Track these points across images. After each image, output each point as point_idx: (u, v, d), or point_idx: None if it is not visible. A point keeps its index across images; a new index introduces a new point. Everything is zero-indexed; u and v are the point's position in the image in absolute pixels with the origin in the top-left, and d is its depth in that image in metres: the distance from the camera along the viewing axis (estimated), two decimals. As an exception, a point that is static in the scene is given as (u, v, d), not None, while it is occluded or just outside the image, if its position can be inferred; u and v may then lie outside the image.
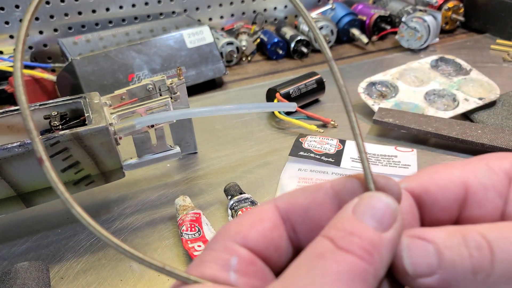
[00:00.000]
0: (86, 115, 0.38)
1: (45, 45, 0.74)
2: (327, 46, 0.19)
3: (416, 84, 0.62)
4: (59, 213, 0.43)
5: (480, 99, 0.57)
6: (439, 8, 0.83)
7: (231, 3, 0.83)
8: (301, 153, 0.48)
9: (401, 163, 0.46)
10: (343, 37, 0.83)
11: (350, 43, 0.84)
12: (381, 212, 0.18)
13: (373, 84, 0.61)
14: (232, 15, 0.84)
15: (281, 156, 0.50)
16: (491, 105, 0.57)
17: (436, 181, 0.20)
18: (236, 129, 0.57)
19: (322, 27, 0.79)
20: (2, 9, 0.69)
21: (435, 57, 0.66)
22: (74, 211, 0.17)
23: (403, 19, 0.78)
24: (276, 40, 0.77)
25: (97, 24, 0.75)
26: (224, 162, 0.50)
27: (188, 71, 0.66)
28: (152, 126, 0.41)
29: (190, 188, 0.46)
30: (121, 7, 0.75)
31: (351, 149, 0.49)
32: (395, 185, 0.19)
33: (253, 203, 0.40)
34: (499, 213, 0.19)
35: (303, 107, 0.59)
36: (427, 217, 0.20)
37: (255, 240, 0.19)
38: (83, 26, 0.75)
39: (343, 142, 0.50)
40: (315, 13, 0.82)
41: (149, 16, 0.78)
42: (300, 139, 0.51)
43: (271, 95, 0.58)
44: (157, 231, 0.41)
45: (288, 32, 0.79)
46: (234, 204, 0.40)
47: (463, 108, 0.56)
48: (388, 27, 0.82)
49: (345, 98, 0.20)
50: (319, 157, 0.47)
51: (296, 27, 0.84)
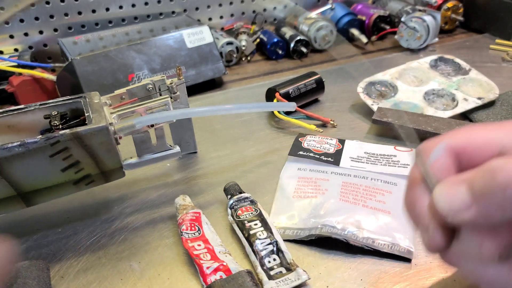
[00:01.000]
0: (86, 114, 0.38)
1: (45, 45, 0.74)
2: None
3: (415, 84, 0.62)
4: (59, 213, 0.43)
5: (479, 98, 0.57)
6: (439, 8, 0.84)
7: (231, 3, 0.83)
8: (301, 152, 0.48)
9: (400, 162, 0.46)
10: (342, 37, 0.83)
11: (350, 43, 0.84)
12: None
13: (372, 83, 0.62)
14: (232, 15, 0.84)
15: (280, 155, 0.50)
16: (490, 104, 0.57)
17: (473, 141, 0.21)
18: (235, 129, 0.57)
19: (321, 27, 0.79)
20: (2, 9, 0.69)
21: (434, 57, 0.66)
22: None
23: (403, 19, 0.78)
24: (275, 40, 0.77)
25: (97, 24, 0.75)
26: (224, 162, 0.50)
27: (187, 71, 0.66)
28: (152, 125, 0.41)
29: (190, 187, 0.46)
30: (121, 7, 0.76)
31: (350, 148, 0.49)
32: None
33: (252, 202, 0.40)
34: None
35: (302, 106, 0.59)
36: (465, 170, 0.21)
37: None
38: (83, 26, 0.75)
39: (342, 141, 0.50)
40: (314, 13, 0.82)
41: (148, 16, 0.78)
42: (299, 139, 0.51)
43: (270, 95, 0.58)
44: (157, 230, 0.41)
45: (287, 32, 0.79)
46: (234, 204, 0.40)
47: (462, 107, 0.56)
48: (388, 27, 0.82)
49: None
50: (318, 156, 0.47)
51: (295, 27, 0.84)
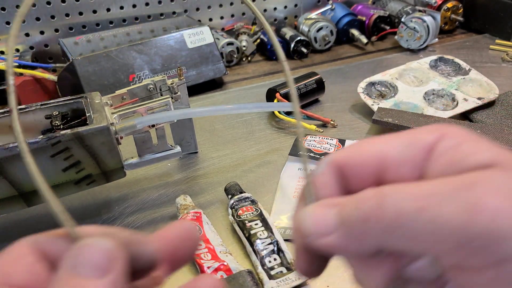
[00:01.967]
0: (87, 115, 0.38)
1: (46, 45, 0.74)
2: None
3: (415, 84, 0.62)
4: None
5: (479, 99, 0.57)
6: (438, 8, 0.84)
7: (231, 3, 0.83)
8: (301, 152, 0.48)
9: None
10: (342, 38, 0.83)
11: (350, 43, 0.84)
12: (95, 258, 0.17)
13: (372, 84, 0.62)
14: (232, 15, 0.84)
15: (281, 155, 0.50)
16: (490, 104, 0.57)
17: (356, 155, 0.20)
18: (236, 129, 0.57)
19: (321, 27, 0.79)
20: (3, 9, 0.69)
21: (434, 57, 0.66)
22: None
23: (403, 19, 0.79)
24: (276, 40, 0.77)
25: (98, 25, 0.75)
26: (225, 162, 0.50)
27: (188, 71, 0.66)
28: (153, 125, 0.41)
29: (190, 187, 0.47)
30: (121, 7, 0.76)
31: (350, 148, 0.49)
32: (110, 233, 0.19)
33: (253, 202, 0.41)
34: None
35: (303, 107, 0.60)
36: (351, 186, 0.20)
37: (19, 277, 0.18)
38: (84, 27, 0.75)
39: (342, 141, 0.50)
40: (314, 14, 0.82)
41: (149, 17, 0.79)
42: (300, 139, 0.51)
43: (271, 95, 0.59)
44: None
45: (288, 32, 0.79)
46: (235, 203, 0.40)
47: (462, 108, 0.56)
48: (388, 27, 0.82)
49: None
50: (318, 156, 0.48)
51: (296, 27, 0.84)
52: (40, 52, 0.74)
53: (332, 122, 0.56)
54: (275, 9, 0.87)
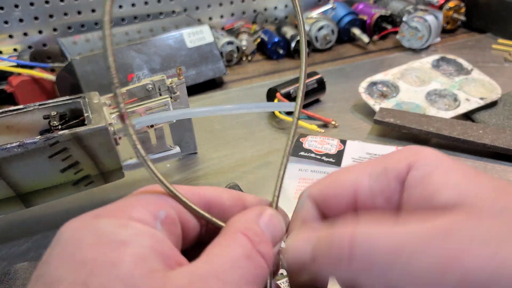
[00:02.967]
0: (85, 115, 0.37)
1: (44, 45, 0.73)
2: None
3: (417, 84, 0.62)
4: (58, 213, 0.43)
5: (482, 99, 0.56)
6: (440, 7, 0.83)
7: (231, 2, 0.82)
8: (302, 153, 0.48)
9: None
10: (344, 37, 0.82)
11: (351, 42, 0.83)
12: (276, 230, 0.21)
13: (374, 84, 0.61)
14: (232, 14, 0.84)
15: (281, 156, 0.50)
16: (492, 105, 0.57)
17: (331, 189, 0.22)
18: (236, 129, 0.56)
19: (322, 26, 0.78)
20: (2, 8, 0.69)
21: (436, 56, 0.66)
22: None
23: (404, 18, 0.78)
24: (276, 39, 0.77)
25: (96, 24, 0.75)
26: (224, 162, 0.50)
27: (188, 70, 0.66)
28: (152, 126, 0.40)
29: (190, 188, 0.46)
30: (120, 6, 0.75)
31: (351, 149, 0.49)
32: (286, 216, 0.24)
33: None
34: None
35: (303, 107, 0.59)
36: (330, 215, 0.23)
37: (182, 210, 0.21)
38: (82, 26, 0.74)
39: (343, 142, 0.50)
40: (315, 13, 0.82)
41: (148, 16, 0.78)
42: (300, 139, 0.50)
43: (271, 95, 0.58)
44: (157, 232, 0.40)
45: (288, 31, 0.79)
46: (235, 205, 0.40)
47: (464, 108, 0.56)
48: (389, 26, 0.82)
49: None
50: (319, 157, 0.47)
51: (296, 26, 0.84)
52: (38, 51, 0.73)
53: (333, 122, 0.55)
54: (275, 8, 0.86)
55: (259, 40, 0.79)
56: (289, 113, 0.56)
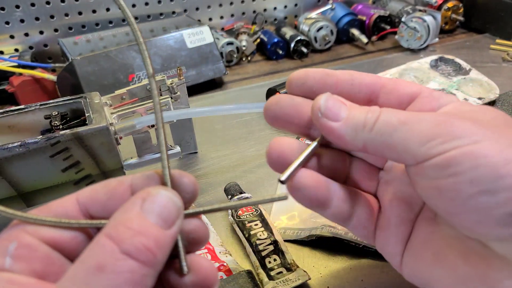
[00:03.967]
0: (86, 115, 0.38)
1: (45, 45, 0.74)
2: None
3: (415, 84, 0.62)
4: (59, 213, 0.43)
5: (480, 98, 0.57)
6: (439, 8, 0.84)
7: (231, 3, 0.83)
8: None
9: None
10: (342, 37, 0.83)
11: (350, 43, 0.84)
12: (167, 210, 0.19)
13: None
14: (232, 15, 0.84)
15: (281, 155, 0.50)
16: (490, 104, 0.57)
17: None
18: (236, 129, 0.57)
19: (321, 27, 0.79)
20: (3, 9, 0.69)
21: (434, 57, 0.66)
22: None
23: (403, 19, 0.78)
24: (276, 40, 0.77)
25: (97, 24, 0.75)
26: (224, 162, 0.50)
27: (188, 71, 0.66)
28: (153, 126, 0.41)
29: (190, 187, 0.46)
30: (121, 7, 0.75)
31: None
32: (190, 182, 0.22)
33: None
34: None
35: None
36: (342, 92, 0.27)
37: (45, 230, 0.19)
38: (83, 26, 0.75)
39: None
40: (315, 13, 0.82)
41: (149, 16, 0.78)
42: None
43: (271, 95, 0.58)
44: (158, 231, 0.41)
45: (288, 32, 0.79)
46: (234, 204, 0.40)
47: (462, 108, 0.56)
48: (388, 27, 0.82)
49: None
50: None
51: (296, 27, 0.84)
52: (39, 52, 0.74)
53: (332, 122, 0.56)
54: (275, 8, 0.87)
55: (258, 40, 0.80)
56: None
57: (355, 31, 0.81)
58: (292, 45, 0.77)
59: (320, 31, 0.79)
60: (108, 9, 0.75)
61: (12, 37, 0.71)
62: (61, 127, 0.37)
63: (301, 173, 0.25)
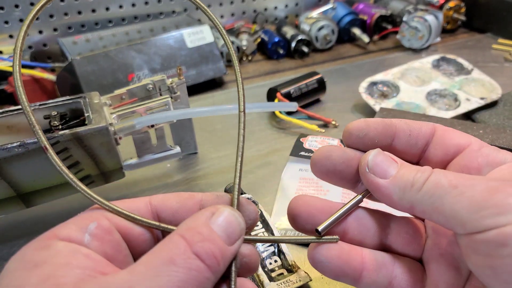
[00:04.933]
0: (86, 115, 0.37)
1: (44, 45, 0.73)
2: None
3: (417, 84, 0.62)
4: (59, 214, 0.43)
5: (482, 98, 0.56)
6: (441, 7, 0.83)
7: (232, 2, 0.82)
8: (302, 153, 0.48)
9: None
10: (344, 37, 0.82)
11: (351, 42, 0.83)
12: (231, 227, 0.21)
13: (374, 83, 0.61)
14: (233, 14, 0.84)
15: (282, 156, 0.50)
16: (492, 105, 0.57)
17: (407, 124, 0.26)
18: (236, 129, 0.56)
19: (323, 26, 0.78)
20: (2, 8, 0.69)
21: (436, 56, 0.66)
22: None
23: (404, 18, 0.78)
24: (276, 39, 0.77)
25: (97, 24, 0.75)
26: (225, 162, 0.50)
27: (188, 70, 0.66)
28: (152, 126, 0.40)
29: (190, 188, 0.46)
30: (121, 6, 0.75)
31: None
32: (254, 210, 0.24)
33: (254, 203, 0.40)
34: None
35: (304, 107, 0.59)
36: (398, 143, 0.26)
37: (120, 220, 0.22)
38: (83, 26, 0.74)
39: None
40: (316, 12, 0.82)
41: (149, 16, 0.78)
42: (301, 139, 0.50)
43: (271, 95, 0.58)
44: (158, 232, 0.40)
45: (288, 31, 0.79)
46: (235, 205, 0.40)
47: (464, 108, 0.56)
48: (389, 26, 0.82)
49: None
50: (320, 157, 0.47)
51: (297, 26, 0.84)
52: (38, 51, 0.73)
53: (333, 122, 0.55)
54: (275, 8, 0.86)
55: (259, 40, 0.79)
56: (289, 113, 0.57)
57: (356, 31, 0.80)
58: (293, 44, 0.76)
59: (321, 30, 0.78)
60: (107, 9, 0.75)
61: (11, 36, 0.71)
62: (60, 127, 0.37)
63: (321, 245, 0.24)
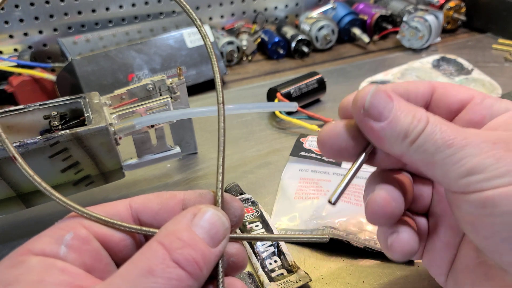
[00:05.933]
0: (86, 115, 0.37)
1: (44, 45, 0.73)
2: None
3: (417, 84, 0.62)
4: (59, 214, 0.42)
5: (482, 99, 0.56)
6: (441, 7, 0.83)
7: (232, 2, 0.82)
8: (302, 153, 0.48)
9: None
10: (344, 37, 0.82)
11: (351, 42, 0.83)
12: (215, 228, 0.20)
13: (374, 83, 0.61)
14: (233, 14, 0.84)
15: (281, 156, 0.50)
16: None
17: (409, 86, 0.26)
18: (236, 129, 0.56)
19: (323, 26, 0.78)
20: (2, 8, 0.69)
21: (436, 56, 0.66)
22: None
23: (405, 18, 0.78)
24: (277, 39, 0.77)
25: (97, 24, 0.75)
26: (225, 163, 0.50)
27: (188, 70, 0.66)
28: (152, 126, 0.40)
29: (190, 188, 0.46)
30: (121, 6, 0.75)
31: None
32: (239, 207, 0.23)
33: (253, 203, 0.40)
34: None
35: (304, 107, 0.59)
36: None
37: (99, 227, 0.21)
38: (83, 26, 0.74)
39: (344, 142, 0.50)
40: (316, 12, 0.82)
41: (149, 16, 0.78)
42: (301, 139, 0.50)
43: (271, 95, 0.58)
44: (157, 232, 0.40)
45: (289, 31, 0.79)
46: (235, 205, 0.40)
47: (464, 108, 0.56)
48: (390, 26, 0.82)
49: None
50: (320, 157, 0.47)
51: (297, 26, 0.84)
52: (38, 51, 0.73)
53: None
54: (276, 8, 0.86)
55: (259, 40, 0.79)
56: (289, 113, 0.56)
57: (356, 31, 0.80)
58: (293, 44, 0.76)
59: (321, 30, 0.78)
60: (107, 9, 0.75)
61: (11, 36, 0.71)
62: (60, 127, 0.37)
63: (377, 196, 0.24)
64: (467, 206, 0.20)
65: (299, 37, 0.76)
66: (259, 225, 0.37)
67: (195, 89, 0.66)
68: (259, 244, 0.36)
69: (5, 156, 0.34)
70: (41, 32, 0.72)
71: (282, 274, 0.34)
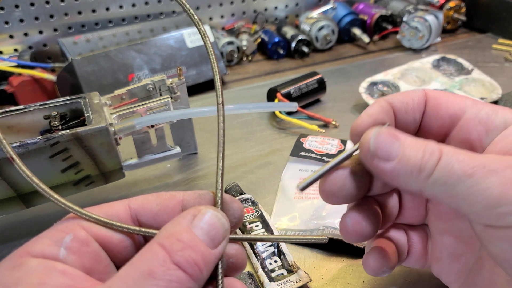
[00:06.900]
0: (86, 115, 0.37)
1: (45, 45, 0.73)
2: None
3: (417, 84, 0.62)
4: (59, 214, 0.42)
5: (482, 99, 0.56)
6: (441, 7, 0.83)
7: (232, 2, 0.82)
8: (302, 153, 0.48)
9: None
10: (344, 37, 0.82)
11: (352, 42, 0.83)
12: (215, 229, 0.20)
13: (374, 84, 0.61)
14: (233, 14, 0.84)
15: (282, 156, 0.50)
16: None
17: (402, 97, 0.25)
18: (236, 129, 0.56)
19: (323, 26, 0.78)
20: (2, 8, 0.69)
21: (436, 56, 0.66)
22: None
23: (405, 18, 0.78)
24: (277, 39, 0.77)
25: (97, 24, 0.75)
26: (225, 163, 0.50)
27: (188, 70, 0.66)
28: (152, 126, 0.40)
29: (190, 188, 0.46)
30: (121, 6, 0.75)
31: (352, 149, 0.49)
32: (238, 208, 0.23)
33: (254, 203, 0.40)
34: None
35: (304, 107, 0.59)
36: (398, 122, 0.25)
37: (98, 228, 0.21)
38: (83, 26, 0.74)
39: (344, 142, 0.50)
40: (316, 13, 0.82)
41: (149, 16, 0.78)
42: (301, 139, 0.50)
43: (272, 95, 0.58)
44: (158, 232, 0.40)
45: (289, 31, 0.79)
46: (235, 205, 0.40)
47: (465, 108, 0.56)
48: (390, 26, 0.82)
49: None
50: (320, 157, 0.47)
51: (297, 26, 0.84)
52: (39, 52, 0.73)
53: (333, 122, 0.55)
54: (276, 8, 0.86)
55: (259, 40, 0.79)
56: (289, 113, 0.57)
57: (356, 31, 0.80)
58: (293, 44, 0.76)
59: (321, 30, 0.78)
60: (107, 9, 0.75)
61: (11, 37, 0.71)
62: (60, 127, 0.37)
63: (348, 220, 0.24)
64: (501, 244, 0.19)
65: (299, 37, 0.76)
66: (259, 225, 0.37)
67: (195, 89, 0.66)
68: (259, 244, 0.36)
69: (5, 156, 0.34)
70: (41, 32, 0.72)
71: (282, 274, 0.34)
